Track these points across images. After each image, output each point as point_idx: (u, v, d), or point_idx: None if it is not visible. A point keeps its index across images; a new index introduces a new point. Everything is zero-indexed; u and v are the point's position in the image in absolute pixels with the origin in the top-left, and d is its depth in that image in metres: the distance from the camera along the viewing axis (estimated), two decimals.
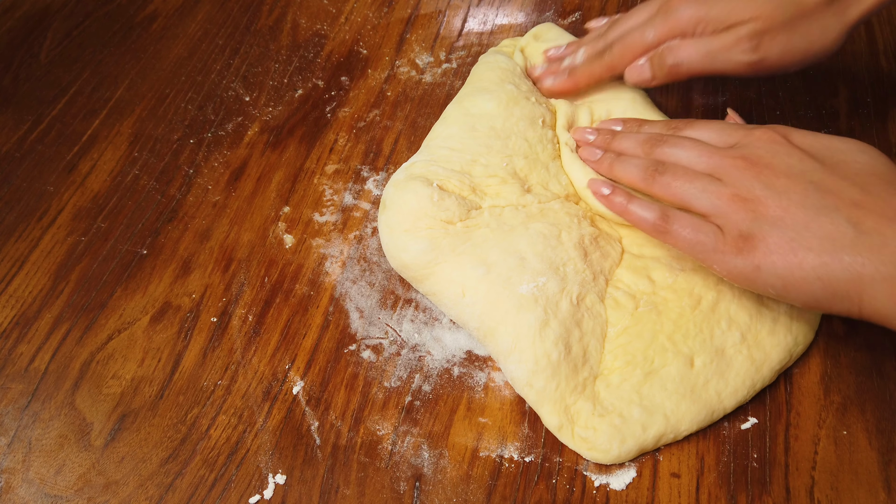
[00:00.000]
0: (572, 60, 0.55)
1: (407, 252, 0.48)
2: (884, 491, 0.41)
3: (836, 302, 0.38)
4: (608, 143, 0.51)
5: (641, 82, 0.52)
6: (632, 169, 0.47)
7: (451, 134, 0.53)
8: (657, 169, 0.45)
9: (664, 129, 0.49)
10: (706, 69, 0.49)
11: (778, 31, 0.47)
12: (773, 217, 0.40)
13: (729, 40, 0.48)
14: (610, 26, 0.55)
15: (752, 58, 0.47)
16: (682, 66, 0.49)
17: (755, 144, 0.43)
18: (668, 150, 0.46)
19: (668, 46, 0.50)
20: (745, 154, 0.43)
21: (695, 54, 0.49)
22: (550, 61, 0.58)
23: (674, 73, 0.50)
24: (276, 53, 0.68)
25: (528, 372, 0.44)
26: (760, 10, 0.46)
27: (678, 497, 0.42)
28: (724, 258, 0.41)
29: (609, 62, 0.53)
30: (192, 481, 0.44)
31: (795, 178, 0.40)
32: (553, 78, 0.56)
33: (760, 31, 0.47)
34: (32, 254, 0.56)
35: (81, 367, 0.50)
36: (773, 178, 0.41)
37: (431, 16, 0.70)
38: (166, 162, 0.61)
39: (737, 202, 0.41)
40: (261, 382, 0.48)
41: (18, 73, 0.69)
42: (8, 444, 0.46)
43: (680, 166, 0.44)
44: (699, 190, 0.42)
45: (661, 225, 0.43)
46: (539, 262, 0.46)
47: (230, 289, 0.53)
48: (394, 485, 0.43)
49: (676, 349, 0.44)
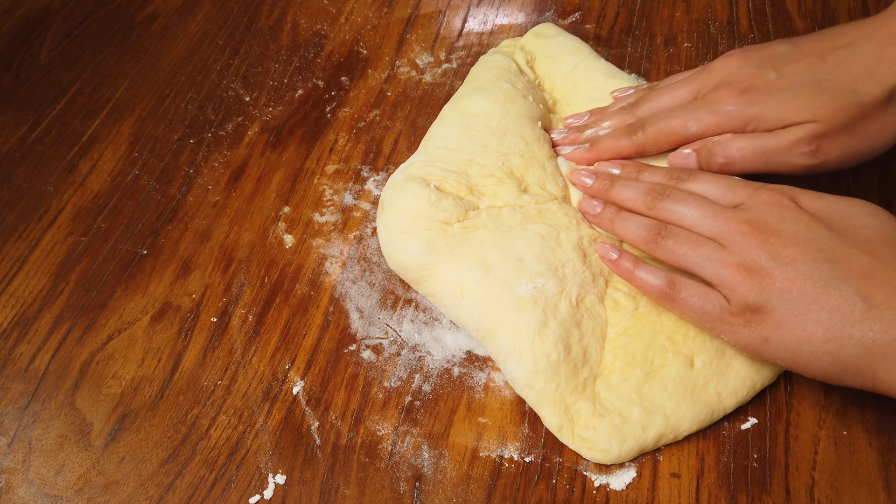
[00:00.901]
0: (596, 132, 0.52)
1: (405, 253, 0.48)
2: (884, 491, 0.41)
3: (848, 376, 0.38)
4: (607, 192, 0.48)
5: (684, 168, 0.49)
6: (634, 229, 0.45)
7: (447, 134, 0.53)
8: (660, 232, 0.43)
9: (666, 178, 0.47)
10: (759, 169, 0.46)
11: (838, 134, 0.44)
12: (780, 289, 0.38)
13: (785, 142, 0.44)
14: (640, 99, 0.51)
15: (812, 162, 0.44)
16: (734, 164, 0.46)
17: (761, 208, 0.41)
18: (672, 207, 0.44)
19: (717, 142, 0.46)
20: (750, 218, 0.41)
21: (749, 155, 0.45)
22: (570, 130, 0.54)
23: (724, 170, 0.46)
24: (276, 53, 0.68)
25: (528, 373, 0.44)
26: (820, 112, 0.43)
27: (678, 497, 0.42)
28: (732, 329, 0.40)
29: (641, 143, 0.49)
30: (192, 481, 0.44)
31: (803, 246, 0.39)
32: (571, 148, 0.53)
33: (820, 134, 0.44)
34: (32, 254, 0.56)
35: (81, 367, 0.50)
36: (779, 246, 0.39)
37: (431, 16, 0.70)
38: (166, 162, 0.61)
39: (742, 273, 0.40)
40: (261, 382, 0.48)
41: (18, 73, 0.69)
42: (8, 444, 0.47)
43: (683, 230, 0.43)
44: (703, 258, 0.41)
45: (667, 293, 0.43)
46: (537, 264, 0.46)
47: (230, 289, 0.53)
48: (394, 485, 0.43)
49: (676, 349, 0.44)
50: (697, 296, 0.41)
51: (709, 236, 0.42)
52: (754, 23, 0.65)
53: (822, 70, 0.44)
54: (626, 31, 0.66)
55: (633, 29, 0.66)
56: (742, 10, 0.66)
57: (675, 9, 0.67)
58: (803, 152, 0.44)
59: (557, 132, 0.54)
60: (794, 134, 0.44)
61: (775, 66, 0.46)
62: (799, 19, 0.65)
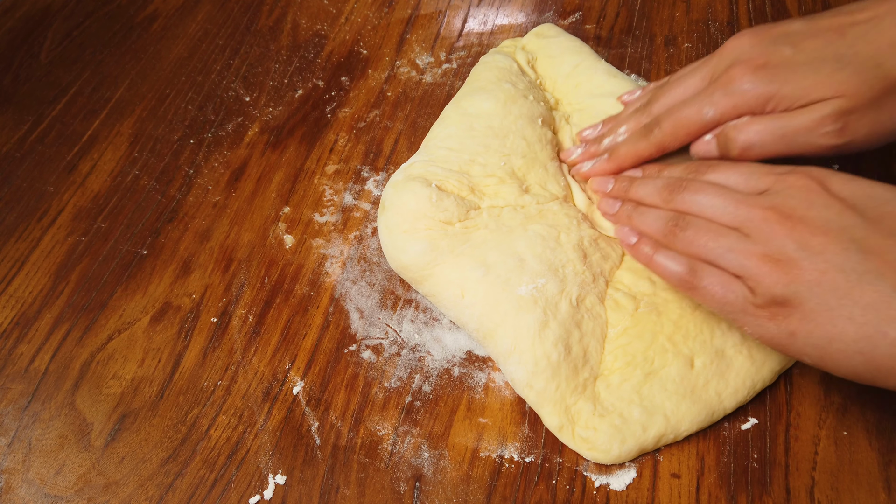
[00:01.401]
0: (613, 139, 0.49)
1: (406, 253, 0.48)
2: (884, 491, 0.41)
3: (881, 377, 0.35)
4: (626, 192, 0.47)
5: (707, 158, 0.46)
6: (651, 222, 0.43)
7: (449, 134, 0.53)
8: (678, 223, 0.41)
9: (685, 171, 0.45)
10: (781, 152, 0.42)
11: (865, 110, 0.40)
12: (809, 281, 0.36)
13: (809, 121, 0.41)
14: (653, 96, 0.49)
15: (838, 141, 0.41)
16: (753, 149, 0.43)
17: (788, 192, 0.39)
18: (690, 198, 0.42)
19: (734, 125, 0.43)
20: (775, 204, 0.38)
21: (768, 137, 0.42)
22: (586, 143, 0.52)
23: (744, 156, 0.43)
24: (276, 53, 0.68)
25: (528, 373, 0.44)
26: (845, 87, 0.40)
27: (678, 497, 0.42)
28: (755, 321, 0.38)
29: (659, 141, 0.46)
30: (192, 481, 0.44)
31: (833, 235, 0.36)
32: (592, 162, 0.50)
33: (846, 111, 0.40)
34: (32, 254, 0.56)
35: (81, 368, 0.50)
36: (807, 235, 0.37)
37: (431, 16, 0.70)
38: (166, 162, 0.61)
39: (768, 263, 0.37)
40: (261, 383, 0.48)
41: (19, 73, 0.69)
42: (8, 444, 0.47)
43: (703, 219, 0.41)
44: (725, 249, 0.39)
45: (688, 280, 0.40)
46: (538, 264, 0.46)
47: (230, 289, 0.53)
48: (394, 485, 0.43)
49: (677, 350, 0.44)
50: (720, 284, 0.39)
51: (731, 226, 0.40)
52: (754, 23, 0.65)
53: (843, 45, 0.41)
54: (626, 32, 0.66)
55: (633, 29, 0.66)
56: (742, 10, 0.66)
57: (675, 9, 0.67)
58: (828, 131, 0.41)
59: (574, 149, 0.52)
60: (817, 112, 0.41)
61: (791, 43, 0.43)
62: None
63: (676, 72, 0.50)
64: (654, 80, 0.62)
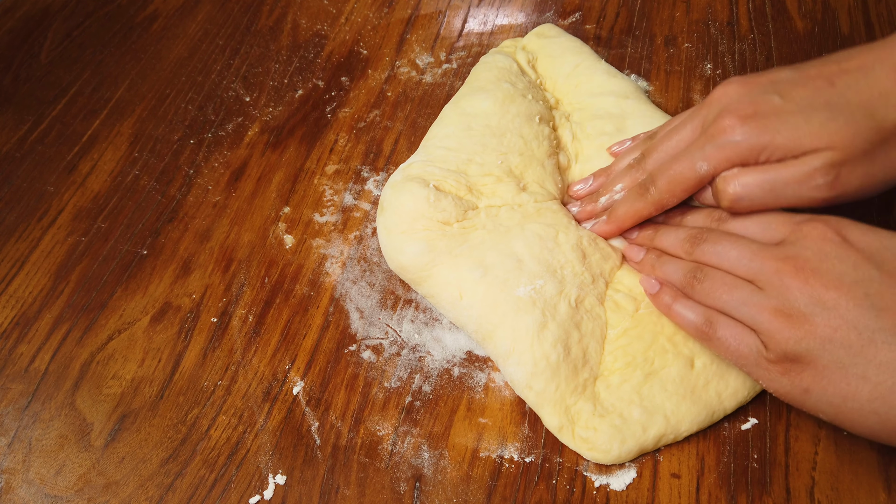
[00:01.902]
0: (610, 198, 0.49)
1: (404, 254, 0.48)
2: (884, 491, 0.41)
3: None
4: (651, 240, 0.47)
5: (711, 206, 0.46)
6: (671, 273, 0.44)
7: (447, 134, 0.53)
8: (696, 276, 0.42)
9: (707, 219, 0.45)
10: (770, 205, 0.42)
11: (857, 162, 0.39)
12: (821, 337, 0.35)
13: (799, 173, 0.40)
14: (645, 151, 0.48)
15: (829, 194, 0.40)
16: (742, 201, 0.42)
17: (803, 243, 0.38)
18: (710, 249, 0.42)
19: (723, 177, 0.43)
20: (790, 255, 0.38)
21: (757, 190, 0.41)
22: (580, 200, 0.51)
23: (735, 209, 0.43)
24: (276, 54, 0.68)
25: (528, 374, 0.44)
26: (837, 138, 0.39)
27: (678, 497, 0.42)
28: (769, 375, 0.38)
29: (657, 200, 0.46)
30: (192, 482, 0.44)
31: (847, 290, 0.36)
32: (592, 223, 0.50)
33: (837, 163, 0.39)
34: (32, 254, 0.56)
35: (81, 368, 0.50)
36: (820, 289, 0.36)
37: (431, 16, 0.70)
38: (166, 162, 0.61)
39: (780, 318, 0.37)
40: (261, 383, 0.48)
41: (19, 73, 0.69)
42: (8, 444, 0.47)
43: (720, 272, 0.41)
44: (739, 302, 0.39)
45: (704, 331, 0.41)
46: (536, 265, 0.46)
47: (230, 289, 0.53)
48: (394, 485, 0.43)
49: (677, 350, 0.44)
50: (734, 337, 0.39)
51: (746, 277, 0.40)
52: (754, 23, 0.65)
53: (833, 94, 0.41)
54: (626, 32, 0.66)
55: (633, 29, 0.66)
56: (742, 10, 0.66)
57: (675, 9, 0.67)
58: (819, 184, 0.40)
59: (571, 206, 0.52)
60: (808, 164, 0.40)
61: (779, 91, 0.42)
62: (799, 19, 0.65)
63: (665, 123, 0.49)
64: (654, 79, 0.62)
